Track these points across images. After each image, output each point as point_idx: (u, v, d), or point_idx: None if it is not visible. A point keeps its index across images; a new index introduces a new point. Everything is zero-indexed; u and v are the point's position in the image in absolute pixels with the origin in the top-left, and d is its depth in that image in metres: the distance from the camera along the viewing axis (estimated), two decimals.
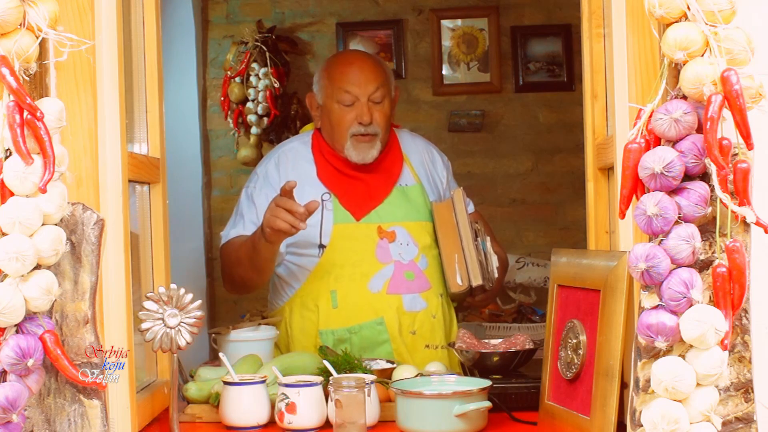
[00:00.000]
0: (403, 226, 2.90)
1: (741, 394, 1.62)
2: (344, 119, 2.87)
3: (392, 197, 2.93)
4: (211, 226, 5.06)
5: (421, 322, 2.85)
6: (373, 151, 2.87)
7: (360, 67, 2.92)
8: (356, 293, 2.84)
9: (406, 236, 2.90)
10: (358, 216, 2.89)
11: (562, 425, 1.93)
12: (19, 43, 1.63)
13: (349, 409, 1.96)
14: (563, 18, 4.88)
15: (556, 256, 2.11)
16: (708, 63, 1.56)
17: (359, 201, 2.90)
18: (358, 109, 2.86)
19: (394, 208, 2.92)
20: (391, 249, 2.87)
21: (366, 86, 2.87)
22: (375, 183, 2.93)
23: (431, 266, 2.90)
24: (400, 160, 3.00)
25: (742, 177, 1.56)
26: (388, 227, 2.89)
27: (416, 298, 2.86)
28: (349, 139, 2.86)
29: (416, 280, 2.86)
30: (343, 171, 2.92)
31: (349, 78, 2.89)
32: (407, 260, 2.87)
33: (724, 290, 1.55)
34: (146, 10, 2.26)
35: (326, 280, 2.87)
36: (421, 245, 2.90)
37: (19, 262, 1.57)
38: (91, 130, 1.83)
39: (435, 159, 3.10)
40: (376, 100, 2.87)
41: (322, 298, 2.87)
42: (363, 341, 2.82)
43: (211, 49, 5.04)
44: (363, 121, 2.84)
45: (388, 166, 2.96)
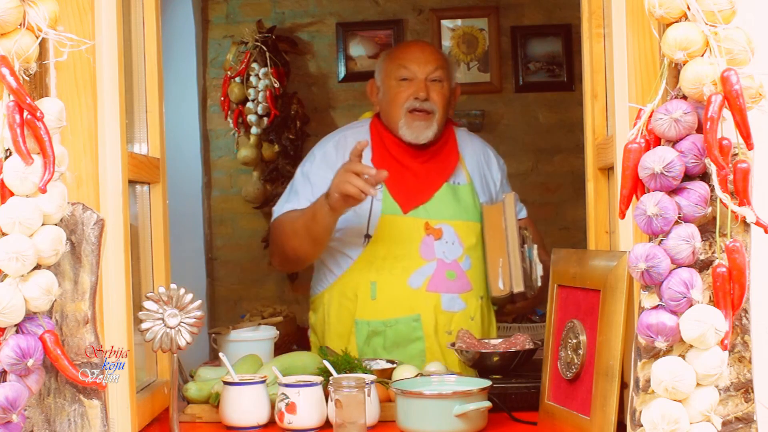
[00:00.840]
0: (450, 224, 2.89)
1: (741, 394, 1.62)
2: (401, 94, 2.89)
3: (441, 193, 2.92)
4: (211, 226, 5.07)
5: (458, 323, 2.82)
6: (428, 131, 2.88)
7: (421, 49, 2.98)
8: (396, 287, 2.85)
9: (453, 235, 2.88)
10: (406, 209, 2.88)
11: (562, 425, 1.93)
12: (19, 43, 1.63)
13: (349, 409, 1.96)
14: (563, 18, 4.89)
15: (556, 256, 2.11)
16: (708, 63, 1.56)
17: (408, 193, 2.90)
18: (415, 85, 2.88)
19: (443, 206, 2.90)
20: (435, 246, 2.86)
21: (425, 65, 2.90)
22: (426, 176, 2.92)
23: (474, 268, 2.89)
24: (454, 157, 2.98)
25: (742, 177, 1.56)
26: (436, 224, 2.88)
27: (455, 298, 2.85)
28: (404, 116, 2.87)
29: (457, 281, 2.85)
30: (398, 158, 2.91)
31: (408, 56, 2.93)
32: (450, 259, 2.86)
33: (724, 290, 1.55)
34: (146, 10, 2.26)
35: (368, 271, 2.87)
36: (466, 245, 2.89)
37: (19, 262, 1.57)
38: (91, 130, 1.83)
39: (491, 160, 3.08)
40: (434, 79, 2.89)
41: (362, 288, 2.88)
42: (397, 336, 2.83)
43: (211, 49, 5.04)
44: (419, 96, 2.86)
45: (442, 161, 2.95)
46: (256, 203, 4.89)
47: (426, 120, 2.87)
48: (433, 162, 2.94)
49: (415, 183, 2.90)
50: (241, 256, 5.05)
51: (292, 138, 4.78)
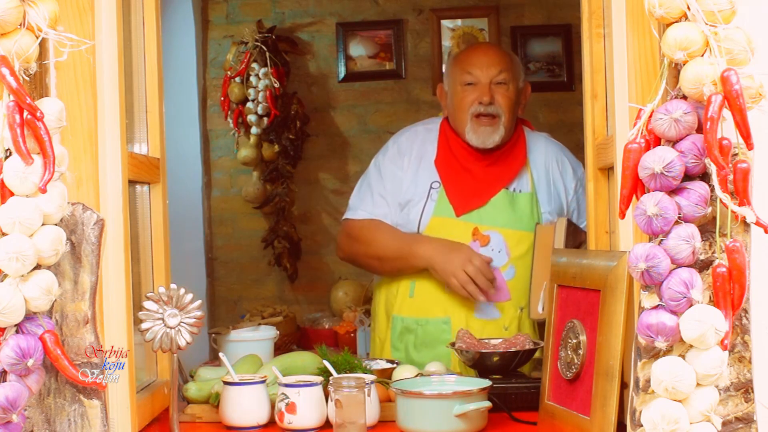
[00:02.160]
0: (500, 232, 2.87)
1: (741, 394, 1.62)
2: (466, 99, 2.90)
3: (497, 200, 2.90)
4: (211, 226, 5.06)
5: (490, 331, 2.80)
6: (495, 135, 2.87)
7: (485, 52, 2.98)
8: (433, 288, 2.88)
9: (501, 243, 2.86)
10: (459, 212, 2.89)
11: (562, 425, 1.93)
12: (19, 43, 1.63)
13: (349, 409, 1.96)
14: (563, 18, 4.88)
15: (556, 256, 2.11)
16: (708, 63, 1.56)
17: (465, 197, 2.90)
18: (480, 89, 2.88)
19: (497, 212, 2.89)
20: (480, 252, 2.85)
21: (489, 69, 2.90)
22: (485, 181, 2.91)
23: (518, 278, 2.86)
24: (519, 162, 2.94)
25: (742, 177, 1.56)
26: (485, 230, 2.87)
27: (490, 306, 2.85)
28: (470, 121, 2.88)
29: (497, 289, 2.83)
30: (460, 160, 2.92)
31: (472, 61, 2.94)
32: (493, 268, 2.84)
33: (724, 290, 1.55)
34: (146, 10, 2.26)
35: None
36: (513, 255, 2.86)
37: (19, 262, 1.57)
38: (91, 130, 1.83)
39: (566, 168, 3.00)
40: (499, 82, 2.89)
41: (403, 285, 2.93)
42: (426, 335, 2.86)
43: (211, 49, 5.04)
44: (483, 100, 2.86)
45: (505, 166, 2.93)
46: (256, 203, 4.89)
47: (492, 125, 2.87)
48: (496, 166, 2.92)
49: (474, 186, 2.90)
50: (241, 256, 5.05)
51: (292, 138, 4.78)
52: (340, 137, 4.95)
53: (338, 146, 4.93)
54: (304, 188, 4.92)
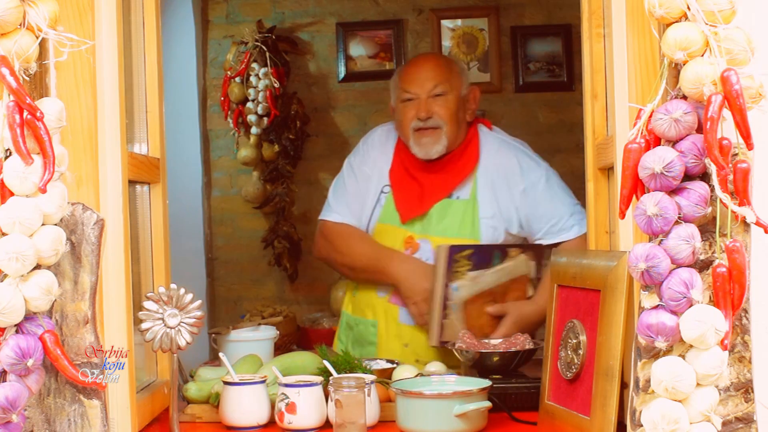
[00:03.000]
0: (431, 240, 2.89)
1: (741, 394, 1.62)
2: (406, 116, 2.94)
3: (438, 207, 2.92)
4: (211, 226, 5.06)
5: (413, 337, 2.88)
6: (437, 146, 2.90)
7: (421, 67, 3.00)
8: (369, 292, 2.99)
9: (429, 251, 2.88)
10: (403, 219, 2.93)
11: (562, 425, 1.93)
12: (19, 43, 1.63)
13: (349, 409, 1.96)
14: (563, 18, 4.88)
15: (556, 256, 2.11)
16: (708, 63, 1.56)
17: (409, 204, 2.94)
18: (417, 105, 2.92)
19: (435, 220, 2.91)
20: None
21: (424, 83, 2.93)
22: (429, 189, 2.94)
23: None
24: (468, 167, 2.94)
25: (742, 177, 1.56)
26: (418, 238, 2.91)
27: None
28: (412, 135, 2.92)
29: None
30: (409, 168, 2.97)
31: (408, 77, 2.97)
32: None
33: (724, 290, 1.55)
34: (146, 10, 2.26)
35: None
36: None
37: (19, 262, 1.57)
38: (91, 130, 1.83)
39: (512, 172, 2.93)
40: (436, 94, 2.91)
41: (351, 284, 3.10)
42: (357, 335, 2.99)
43: (211, 49, 5.04)
44: (420, 116, 2.90)
45: (451, 171, 2.94)
46: (256, 203, 4.89)
47: (433, 135, 2.90)
48: (442, 174, 2.94)
49: (418, 194, 2.93)
50: (241, 256, 5.05)
51: (292, 138, 4.78)
52: (340, 137, 4.95)
53: (338, 146, 4.92)
54: (304, 188, 4.92)
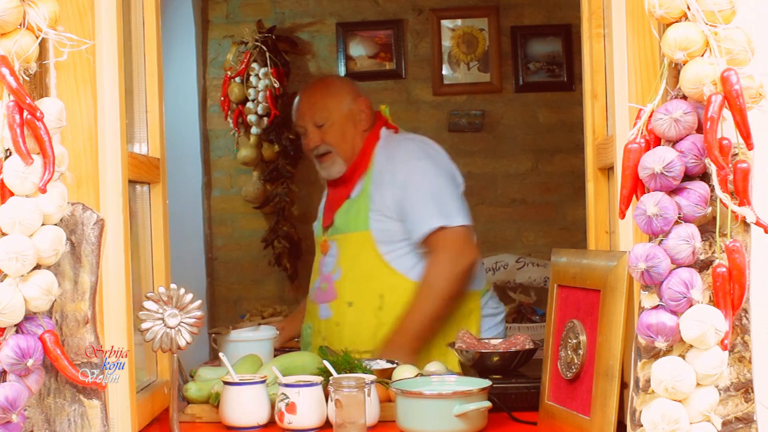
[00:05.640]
0: (335, 239, 3.15)
1: (741, 394, 1.62)
2: (305, 147, 3.23)
3: (342, 209, 3.14)
4: (211, 226, 5.06)
5: (326, 329, 3.09)
6: (335, 166, 3.15)
7: (302, 101, 3.24)
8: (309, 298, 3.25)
9: (334, 249, 3.13)
10: (322, 229, 3.22)
11: (562, 425, 1.93)
12: (19, 43, 1.63)
13: (349, 409, 1.96)
14: (563, 18, 4.88)
15: (556, 256, 2.11)
16: (708, 63, 1.56)
17: (324, 214, 3.23)
18: (307, 137, 3.19)
19: (339, 221, 3.14)
20: (324, 261, 3.16)
21: (304, 117, 3.18)
22: (334, 197, 3.20)
23: (344, 278, 3.08)
24: (361, 171, 3.13)
25: (742, 177, 1.56)
26: (328, 240, 3.17)
27: (325, 307, 3.11)
28: (315, 161, 3.19)
29: (327, 291, 3.11)
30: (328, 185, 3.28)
31: (296, 114, 3.25)
32: (326, 273, 3.13)
33: (724, 290, 1.55)
34: (146, 10, 2.26)
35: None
36: (340, 258, 3.10)
37: (19, 262, 1.57)
38: (91, 130, 1.83)
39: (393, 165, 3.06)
40: (319, 124, 3.13)
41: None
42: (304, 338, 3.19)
43: (211, 49, 5.04)
44: (310, 147, 3.16)
45: (348, 179, 3.15)
46: (256, 203, 4.89)
47: (328, 160, 3.15)
48: (341, 183, 3.17)
49: (328, 204, 3.22)
50: (241, 256, 5.05)
51: (292, 138, 4.78)
52: None
53: None
54: (304, 188, 4.92)
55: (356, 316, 3.05)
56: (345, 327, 3.05)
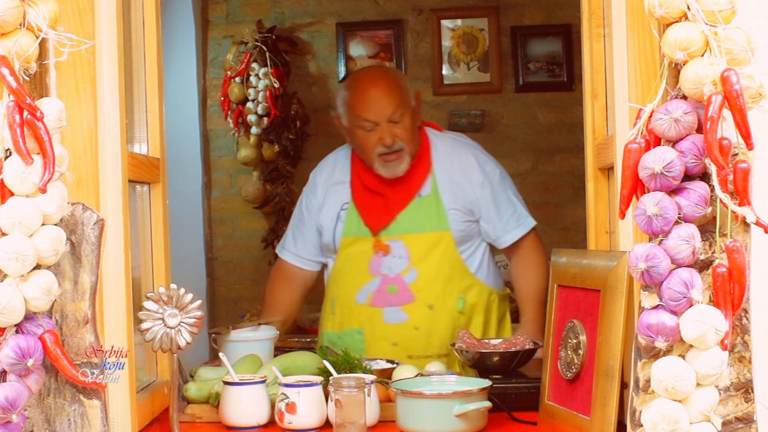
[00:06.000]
0: (401, 239, 2.98)
1: (741, 394, 1.62)
2: (368, 142, 2.97)
3: (408, 209, 2.99)
4: (211, 226, 5.06)
5: (402, 333, 2.93)
6: (402, 165, 2.96)
7: (375, 93, 2.99)
8: (347, 302, 3.03)
9: (402, 249, 2.98)
10: (375, 230, 3.00)
11: (562, 425, 1.93)
12: (19, 43, 1.63)
13: (349, 409, 1.96)
14: (563, 18, 4.88)
15: (556, 256, 2.11)
16: (708, 63, 1.56)
17: (377, 216, 3.01)
18: (379, 132, 2.94)
19: (405, 221, 2.99)
20: (382, 262, 2.99)
21: (382, 111, 2.95)
22: (394, 197, 3.01)
23: (421, 279, 2.95)
24: (424, 169, 3.02)
25: (742, 177, 1.56)
26: (386, 240, 2.99)
27: (397, 311, 2.96)
28: (377, 159, 2.96)
29: (398, 294, 2.96)
30: (370, 186, 3.03)
31: (365, 106, 2.97)
32: (394, 274, 2.97)
33: (724, 290, 1.55)
34: (146, 10, 2.26)
35: (332, 287, 3.10)
36: (413, 258, 2.96)
37: (19, 262, 1.57)
38: (91, 130, 1.83)
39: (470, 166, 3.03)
40: (395, 120, 2.94)
41: (329, 302, 3.10)
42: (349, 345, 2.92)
43: (211, 49, 5.04)
44: (385, 143, 2.93)
45: (411, 178, 3.01)
46: (256, 203, 4.89)
47: (398, 158, 2.95)
48: (403, 182, 3.01)
49: (384, 205, 3.02)
50: (241, 256, 5.05)
51: (292, 138, 4.78)
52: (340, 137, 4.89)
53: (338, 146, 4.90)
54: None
55: (436, 319, 2.94)
56: (424, 331, 2.93)
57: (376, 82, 3.04)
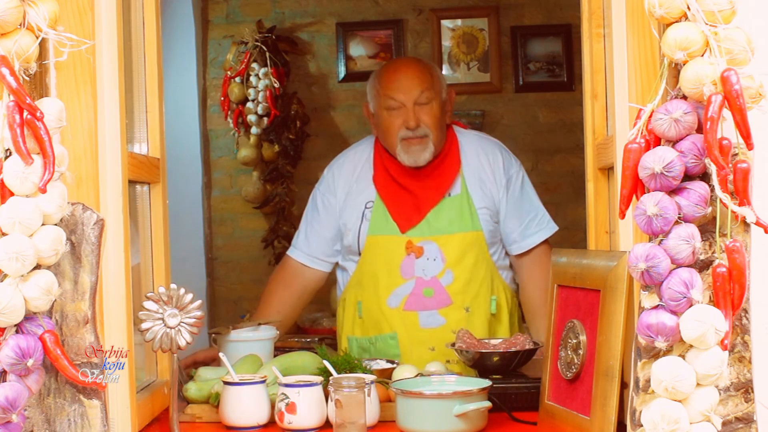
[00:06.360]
0: (434, 240, 2.90)
1: (741, 394, 1.62)
2: (393, 125, 2.90)
3: (438, 209, 2.92)
4: (211, 226, 5.07)
5: (440, 338, 2.83)
6: (425, 153, 2.89)
7: (404, 74, 2.95)
8: (376, 307, 2.92)
9: (436, 251, 2.89)
10: (404, 228, 2.92)
11: (562, 425, 1.93)
12: (19, 43, 1.63)
13: (349, 409, 1.96)
14: (563, 18, 4.88)
15: (556, 256, 2.11)
16: (708, 63, 1.56)
17: (406, 213, 2.93)
18: (404, 114, 2.89)
19: (436, 221, 2.92)
20: (416, 264, 2.89)
21: (410, 91, 2.89)
22: (423, 194, 2.93)
23: (458, 281, 2.88)
24: (454, 167, 2.96)
25: (742, 177, 1.56)
26: (418, 242, 2.90)
27: (434, 314, 2.88)
28: (399, 144, 2.89)
29: (435, 297, 2.87)
30: (397, 179, 2.95)
31: (394, 85, 2.92)
32: (429, 276, 2.88)
33: (724, 290, 1.55)
34: (146, 10, 2.26)
35: (357, 289, 2.97)
36: (449, 260, 2.88)
37: (19, 262, 1.57)
38: (91, 130, 1.83)
39: (496, 164, 2.99)
40: (422, 102, 2.89)
41: (352, 306, 2.99)
42: (378, 353, 2.89)
43: (211, 49, 5.04)
44: (409, 125, 2.87)
45: (441, 175, 2.94)
46: (256, 203, 4.89)
47: (421, 144, 2.88)
48: (431, 179, 2.94)
49: (413, 202, 2.93)
50: (241, 256, 5.05)
51: (292, 138, 4.78)
52: (340, 137, 4.95)
53: (338, 146, 4.88)
54: (304, 188, 4.90)
55: (473, 322, 2.86)
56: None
57: (408, 64, 3.04)
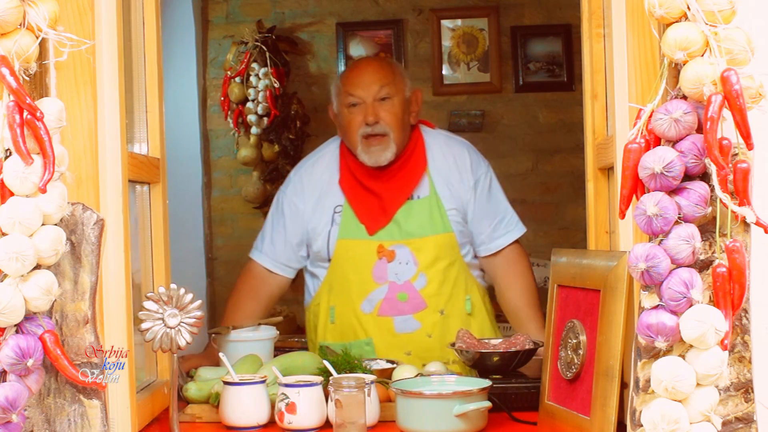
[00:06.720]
0: (406, 244, 2.87)
1: (741, 394, 1.62)
2: (353, 122, 2.87)
3: (403, 211, 2.89)
4: (211, 226, 5.07)
5: (415, 342, 2.84)
6: (387, 153, 2.86)
7: (364, 70, 2.93)
8: (349, 312, 2.90)
9: (408, 255, 2.87)
10: (372, 230, 2.89)
11: (562, 425, 1.93)
12: (19, 43, 1.63)
13: (349, 409, 1.96)
14: (563, 18, 4.89)
15: (556, 256, 2.11)
16: (708, 63, 1.56)
17: (372, 216, 2.89)
18: (363, 110, 2.86)
19: (407, 224, 2.88)
20: (388, 269, 2.87)
21: (369, 87, 2.87)
22: (388, 195, 2.90)
23: (432, 284, 2.87)
24: (419, 169, 2.93)
25: (742, 177, 1.56)
26: (390, 245, 2.87)
27: (409, 319, 2.87)
28: (360, 143, 2.86)
29: (409, 301, 2.86)
30: (362, 180, 2.91)
31: (353, 81, 2.90)
32: (402, 281, 2.87)
33: (724, 290, 1.55)
34: (146, 10, 2.26)
35: (328, 295, 2.94)
36: (422, 264, 2.87)
37: (19, 262, 1.57)
38: (91, 130, 1.83)
39: (463, 165, 2.97)
40: (382, 98, 2.86)
41: (323, 312, 2.95)
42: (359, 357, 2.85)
43: (211, 49, 5.04)
44: (368, 120, 2.84)
45: (405, 175, 2.91)
46: (256, 203, 4.89)
47: (381, 143, 2.85)
48: (396, 179, 2.91)
49: (378, 204, 2.90)
50: (241, 256, 5.00)
51: (292, 138, 4.78)
52: None
53: None
54: None
55: (448, 324, 2.86)
56: (437, 337, 2.84)
57: (369, 62, 3.05)
